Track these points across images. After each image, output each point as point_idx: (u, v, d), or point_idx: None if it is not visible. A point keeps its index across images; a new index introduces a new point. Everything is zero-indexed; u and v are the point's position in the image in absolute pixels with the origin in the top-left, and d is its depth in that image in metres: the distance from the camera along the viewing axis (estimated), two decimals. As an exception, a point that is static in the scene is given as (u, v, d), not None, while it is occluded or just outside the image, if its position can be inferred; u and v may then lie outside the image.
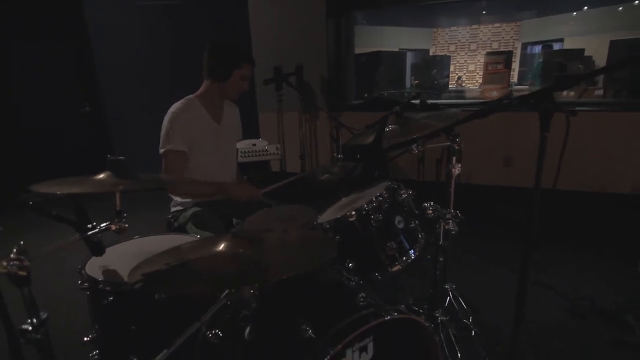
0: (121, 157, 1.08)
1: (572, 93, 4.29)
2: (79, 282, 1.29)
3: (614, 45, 4.19)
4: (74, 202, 0.99)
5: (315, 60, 4.11)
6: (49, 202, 0.96)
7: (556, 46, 6.52)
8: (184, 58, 3.43)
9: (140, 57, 4.41)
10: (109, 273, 1.30)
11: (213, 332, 1.08)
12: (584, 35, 6.32)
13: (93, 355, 1.34)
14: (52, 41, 4.32)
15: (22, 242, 0.90)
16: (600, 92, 4.34)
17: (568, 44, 6.31)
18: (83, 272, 1.29)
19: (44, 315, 0.97)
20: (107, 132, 4.71)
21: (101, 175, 1.12)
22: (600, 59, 4.87)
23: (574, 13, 6.75)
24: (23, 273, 0.87)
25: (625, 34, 4.92)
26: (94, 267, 1.33)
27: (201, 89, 1.98)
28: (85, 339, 1.31)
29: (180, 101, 1.91)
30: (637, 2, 5.47)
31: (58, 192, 0.99)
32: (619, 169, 3.45)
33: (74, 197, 1.00)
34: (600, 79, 4.45)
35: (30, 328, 0.94)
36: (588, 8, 6.51)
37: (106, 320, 1.30)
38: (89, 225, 1.01)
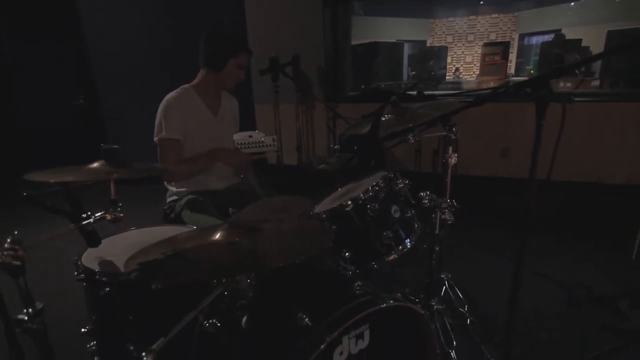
0: (115, 146, 1.08)
1: (568, 84, 4.29)
2: (75, 273, 1.28)
3: (611, 35, 4.18)
4: (67, 191, 0.99)
5: (312, 50, 4.07)
6: (43, 195, 0.95)
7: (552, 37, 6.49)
8: (179, 49, 3.40)
9: (135, 49, 4.36)
10: (105, 264, 1.30)
11: (210, 321, 1.08)
12: (582, 26, 6.31)
13: (90, 346, 1.34)
14: (47, 34, 4.27)
15: (16, 232, 0.89)
16: (596, 82, 4.34)
17: (566, 35, 6.30)
18: (79, 263, 1.29)
19: (39, 305, 0.97)
20: (102, 125, 4.68)
21: (95, 164, 1.11)
22: (598, 50, 4.86)
23: (572, 3, 6.73)
24: (17, 263, 0.87)
25: (623, 24, 4.91)
26: (91, 258, 1.32)
27: (197, 79, 1.96)
28: (83, 330, 1.32)
29: (175, 90, 1.89)
30: (634, -8, 5.45)
31: (52, 181, 0.98)
32: (615, 159, 3.46)
33: (67, 187, 0.99)
34: (597, 70, 4.45)
35: (26, 318, 0.94)
36: (586, -2, 6.49)
37: (103, 311, 1.30)
38: (84, 215, 1.00)
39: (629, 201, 3.33)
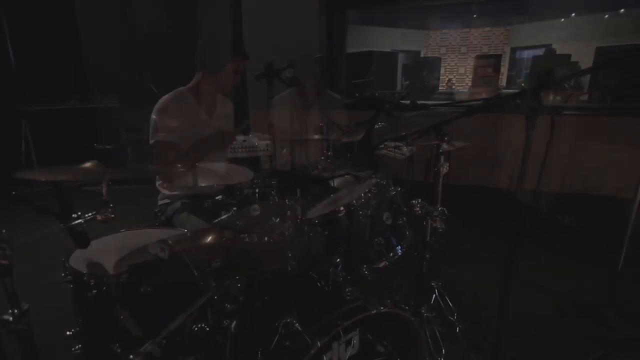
0: (108, 146, 1.07)
1: (558, 98, 4.37)
2: (63, 274, 1.26)
3: (599, 51, 4.29)
4: (57, 191, 0.97)
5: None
6: (34, 194, 0.94)
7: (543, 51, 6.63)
8: (176, 51, 3.40)
9: (132, 51, 4.35)
10: (93, 266, 1.28)
11: (199, 325, 1.07)
12: (572, 42, 6.45)
13: (76, 349, 1.31)
14: (45, 35, 4.24)
15: (3, 231, 0.88)
16: (585, 97, 4.43)
17: (556, 50, 6.44)
18: (67, 264, 1.27)
19: (25, 306, 0.95)
20: (97, 126, 4.64)
21: (88, 164, 1.10)
22: (587, 65, 4.97)
23: (562, 19, 6.89)
24: (4, 262, 0.85)
25: (611, 41, 5.04)
26: (78, 259, 1.30)
27: (193, 82, 1.97)
28: (68, 332, 1.29)
29: (170, 93, 1.89)
30: (622, 10, 5.62)
31: (42, 179, 0.97)
32: (602, 171, 3.53)
33: (57, 186, 0.98)
34: (586, 84, 4.55)
35: (11, 319, 0.92)
36: (575, 15, 6.65)
37: (90, 313, 1.28)
38: (74, 215, 0.99)
39: (615, 212, 3.39)
